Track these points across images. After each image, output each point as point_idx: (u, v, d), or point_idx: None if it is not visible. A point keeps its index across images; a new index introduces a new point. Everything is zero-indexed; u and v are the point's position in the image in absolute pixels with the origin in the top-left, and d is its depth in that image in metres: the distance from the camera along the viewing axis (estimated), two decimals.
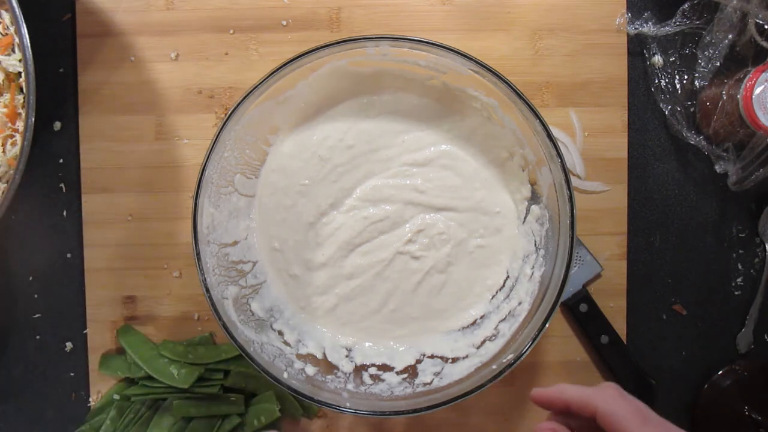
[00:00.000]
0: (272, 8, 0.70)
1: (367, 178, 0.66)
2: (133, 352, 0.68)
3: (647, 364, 0.69)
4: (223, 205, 0.62)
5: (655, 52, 0.68)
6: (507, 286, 0.66)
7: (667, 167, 0.70)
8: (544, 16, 0.69)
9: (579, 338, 0.70)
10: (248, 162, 0.65)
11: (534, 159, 0.62)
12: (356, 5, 0.70)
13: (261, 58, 0.70)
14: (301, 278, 0.66)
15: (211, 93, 0.70)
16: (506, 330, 0.62)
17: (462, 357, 0.63)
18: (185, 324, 0.70)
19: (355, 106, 0.66)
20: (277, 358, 0.60)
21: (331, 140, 0.65)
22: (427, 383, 0.62)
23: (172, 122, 0.70)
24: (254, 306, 0.64)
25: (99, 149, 0.70)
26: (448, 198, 0.66)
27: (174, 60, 0.70)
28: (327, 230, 0.66)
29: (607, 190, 0.69)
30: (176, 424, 0.67)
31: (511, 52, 0.69)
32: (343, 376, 0.63)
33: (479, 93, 0.62)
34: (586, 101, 0.69)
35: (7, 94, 0.64)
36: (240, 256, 0.64)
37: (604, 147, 0.69)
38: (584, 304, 0.68)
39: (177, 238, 0.70)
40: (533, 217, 0.65)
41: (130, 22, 0.70)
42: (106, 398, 0.69)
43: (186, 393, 0.67)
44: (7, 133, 0.64)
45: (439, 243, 0.65)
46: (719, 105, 0.64)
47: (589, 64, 0.69)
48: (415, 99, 0.66)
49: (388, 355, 0.66)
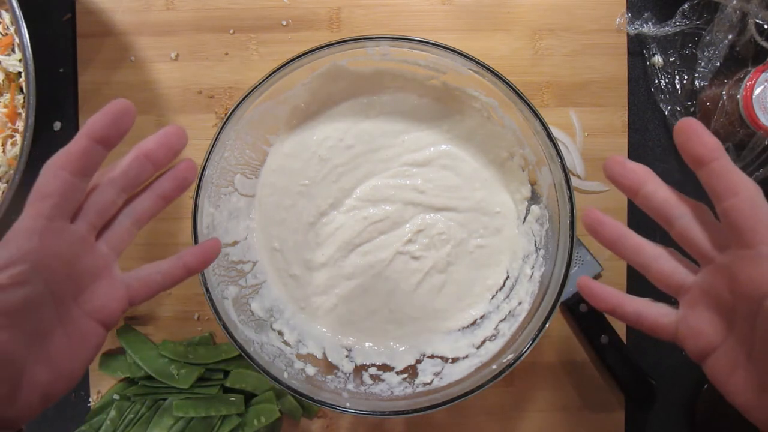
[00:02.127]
0: (272, 8, 0.70)
1: (367, 178, 0.66)
2: (133, 352, 0.68)
3: (647, 364, 0.69)
4: (223, 205, 0.62)
5: (655, 52, 0.68)
6: (507, 286, 0.66)
7: (667, 167, 0.70)
8: (544, 16, 0.69)
9: (579, 338, 0.70)
10: (248, 162, 0.65)
11: (534, 159, 0.62)
12: (356, 5, 0.70)
13: (261, 58, 0.70)
14: (301, 278, 0.66)
15: (211, 93, 0.70)
16: (506, 330, 0.62)
17: (462, 357, 0.63)
18: (185, 324, 0.70)
19: (355, 106, 0.66)
20: (277, 358, 0.60)
21: (331, 140, 0.65)
22: (427, 383, 0.62)
23: (172, 122, 0.70)
24: (254, 306, 0.64)
25: None
26: (448, 198, 0.66)
27: (174, 60, 0.70)
28: (327, 230, 0.66)
29: (607, 190, 0.69)
30: (176, 424, 0.67)
31: (510, 52, 0.69)
32: (343, 376, 0.63)
33: (479, 93, 0.62)
34: (586, 101, 0.69)
35: (7, 94, 0.64)
36: (240, 256, 0.64)
37: (604, 147, 0.69)
38: (584, 304, 0.68)
39: (177, 238, 0.70)
40: (533, 217, 0.65)
41: (130, 22, 0.70)
42: (106, 398, 0.69)
43: (186, 393, 0.67)
44: (7, 133, 0.65)
45: (439, 243, 0.65)
46: (719, 105, 0.64)
47: (589, 64, 0.69)
48: (415, 99, 0.66)
49: (388, 355, 0.66)
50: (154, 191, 0.45)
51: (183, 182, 0.45)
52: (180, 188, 0.45)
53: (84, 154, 0.40)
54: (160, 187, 0.45)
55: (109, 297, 0.43)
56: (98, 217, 0.42)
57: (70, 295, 0.41)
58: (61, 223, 0.40)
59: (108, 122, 0.40)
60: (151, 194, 0.45)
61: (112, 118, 0.40)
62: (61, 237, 0.40)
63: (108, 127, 0.40)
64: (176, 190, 0.45)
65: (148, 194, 0.45)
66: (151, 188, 0.45)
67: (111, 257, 0.44)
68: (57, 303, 0.40)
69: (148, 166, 0.43)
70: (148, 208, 0.45)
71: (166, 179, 0.45)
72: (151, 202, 0.45)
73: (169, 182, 0.45)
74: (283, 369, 0.59)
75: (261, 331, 0.62)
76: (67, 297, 0.41)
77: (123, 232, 0.44)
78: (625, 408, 0.69)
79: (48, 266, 0.39)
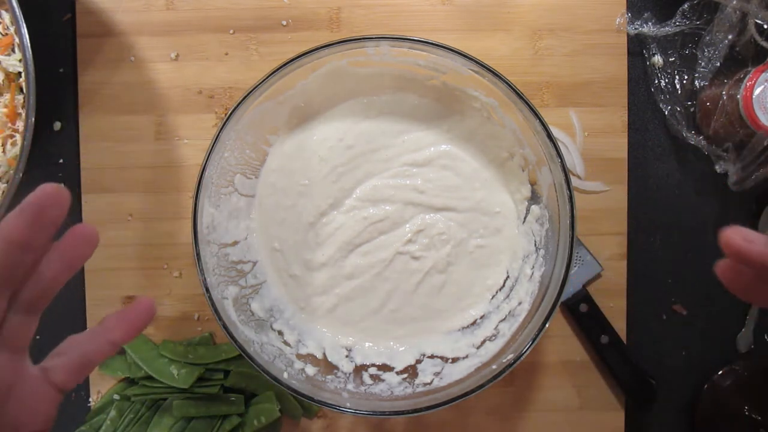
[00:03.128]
0: (272, 8, 0.70)
1: (367, 178, 0.66)
2: (133, 352, 0.68)
3: (647, 364, 0.69)
4: (223, 205, 0.62)
5: (655, 52, 0.68)
6: (507, 286, 0.66)
7: (667, 167, 0.70)
8: (544, 16, 0.69)
9: (579, 338, 0.70)
10: (248, 162, 0.65)
11: (534, 159, 0.62)
12: (356, 5, 0.70)
13: (261, 58, 0.70)
14: (301, 278, 0.66)
15: (211, 93, 0.70)
16: (506, 330, 0.62)
17: (462, 357, 0.63)
18: (185, 324, 0.70)
19: (355, 106, 0.66)
20: (277, 358, 0.60)
21: (331, 140, 0.65)
22: (427, 383, 0.62)
23: (172, 122, 0.70)
24: (254, 306, 0.64)
25: (99, 149, 0.70)
26: (448, 198, 0.66)
27: (174, 60, 0.70)
28: (327, 230, 0.66)
29: (607, 190, 0.69)
30: (176, 424, 0.67)
31: (511, 52, 0.69)
32: (343, 376, 0.63)
33: (479, 93, 0.62)
34: (586, 101, 0.69)
35: (7, 94, 0.64)
36: (240, 256, 0.64)
37: (604, 147, 0.69)
38: (584, 304, 0.68)
39: (177, 238, 0.70)
40: (533, 217, 0.65)
41: (130, 22, 0.70)
42: (106, 398, 0.69)
43: (186, 393, 0.67)
44: (7, 133, 0.65)
45: (439, 243, 0.65)
46: (719, 105, 0.64)
47: (589, 64, 0.69)
48: (415, 99, 0.66)
49: (388, 355, 0.66)
50: (43, 276, 0.36)
51: (76, 261, 0.36)
52: (73, 267, 0.36)
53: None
54: (49, 270, 0.36)
55: (35, 402, 0.37)
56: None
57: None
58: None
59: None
60: (41, 280, 0.36)
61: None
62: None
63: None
64: (69, 272, 0.36)
65: (36, 281, 0.36)
66: (40, 273, 0.36)
67: (16, 360, 0.37)
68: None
69: (24, 256, 0.34)
70: (41, 295, 0.36)
71: (54, 259, 0.36)
72: (42, 290, 0.36)
73: (60, 264, 0.36)
74: (283, 369, 0.59)
75: (261, 331, 0.62)
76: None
77: (20, 329, 0.36)
78: (625, 408, 0.69)
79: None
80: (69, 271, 0.36)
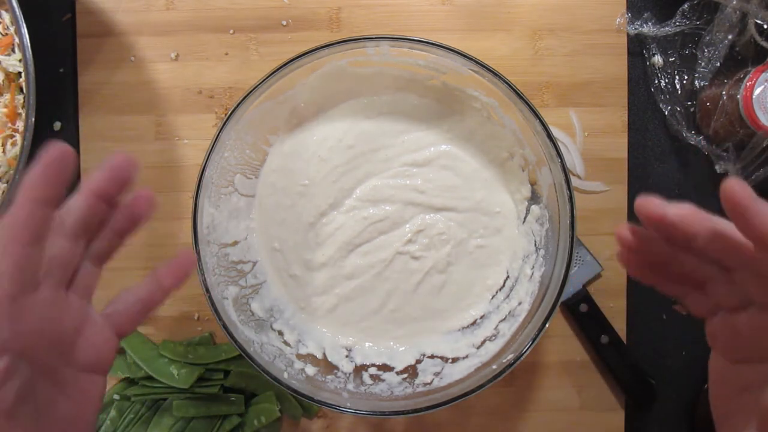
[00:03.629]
0: (272, 8, 0.70)
1: (367, 179, 0.66)
2: (133, 352, 0.68)
3: (647, 364, 0.69)
4: (223, 205, 0.62)
5: (655, 52, 0.68)
6: (507, 286, 0.66)
7: (667, 167, 0.70)
8: (544, 16, 0.69)
9: (579, 338, 0.70)
10: (248, 162, 0.65)
11: (534, 159, 0.62)
12: (356, 5, 0.70)
13: (261, 58, 0.70)
14: (301, 278, 0.66)
15: (211, 93, 0.70)
16: (506, 330, 0.62)
17: (462, 357, 0.63)
18: (185, 324, 0.70)
19: (355, 107, 0.66)
20: (277, 358, 0.60)
21: (331, 140, 0.65)
22: (427, 383, 0.62)
23: (172, 122, 0.70)
24: (254, 306, 0.64)
25: (99, 149, 0.70)
26: (448, 198, 0.66)
27: (174, 60, 0.70)
28: (327, 230, 0.66)
29: (607, 190, 0.69)
30: (176, 424, 0.67)
31: (511, 52, 0.69)
32: (343, 376, 0.63)
33: (479, 93, 0.62)
34: (586, 101, 0.69)
35: (7, 94, 0.64)
36: (240, 256, 0.64)
37: (604, 147, 0.69)
38: (584, 304, 0.68)
39: (177, 238, 0.70)
40: (533, 217, 0.65)
41: (130, 22, 0.70)
42: (106, 398, 0.69)
43: (186, 393, 0.67)
44: (7, 133, 0.65)
45: (439, 243, 0.65)
46: (719, 105, 0.64)
47: (589, 64, 0.69)
48: (415, 99, 0.66)
49: (388, 355, 0.66)
50: (111, 230, 0.42)
51: (139, 218, 0.43)
52: (136, 224, 0.43)
53: (32, 220, 0.36)
54: (117, 224, 0.42)
55: (98, 344, 0.41)
56: (62, 273, 0.39)
57: (59, 361, 0.39)
58: (27, 298, 0.36)
59: (48, 181, 0.36)
60: (109, 233, 0.42)
61: (52, 174, 0.36)
62: (31, 312, 0.37)
63: (50, 186, 0.36)
64: (133, 227, 0.43)
65: (105, 234, 0.42)
66: (108, 227, 0.42)
67: (84, 305, 0.41)
68: (50, 376, 0.38)
69: (101, 207, 0.40)
70: (107, 248, 0.42)
71: (121, 216, 0.42)
72: (109, 242, 0.42)
73: (126, 220, 0.42)
74: (283, 369, 0.59)
75: (261, 331, 0.62)
76: (57, 365, 0.39)
77: (89, 277, 0.42)
78: (625, 408, 0.69)
79: (29, 347, 0.37)
80: (133, 226, 0.43)
